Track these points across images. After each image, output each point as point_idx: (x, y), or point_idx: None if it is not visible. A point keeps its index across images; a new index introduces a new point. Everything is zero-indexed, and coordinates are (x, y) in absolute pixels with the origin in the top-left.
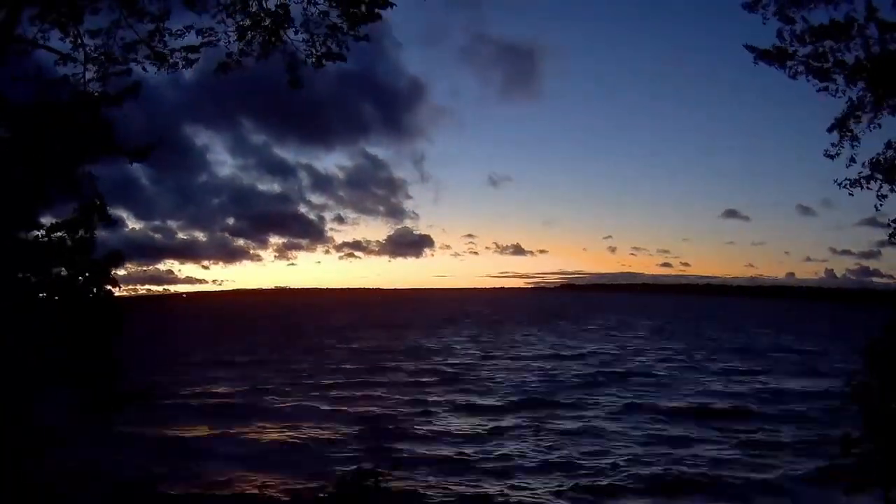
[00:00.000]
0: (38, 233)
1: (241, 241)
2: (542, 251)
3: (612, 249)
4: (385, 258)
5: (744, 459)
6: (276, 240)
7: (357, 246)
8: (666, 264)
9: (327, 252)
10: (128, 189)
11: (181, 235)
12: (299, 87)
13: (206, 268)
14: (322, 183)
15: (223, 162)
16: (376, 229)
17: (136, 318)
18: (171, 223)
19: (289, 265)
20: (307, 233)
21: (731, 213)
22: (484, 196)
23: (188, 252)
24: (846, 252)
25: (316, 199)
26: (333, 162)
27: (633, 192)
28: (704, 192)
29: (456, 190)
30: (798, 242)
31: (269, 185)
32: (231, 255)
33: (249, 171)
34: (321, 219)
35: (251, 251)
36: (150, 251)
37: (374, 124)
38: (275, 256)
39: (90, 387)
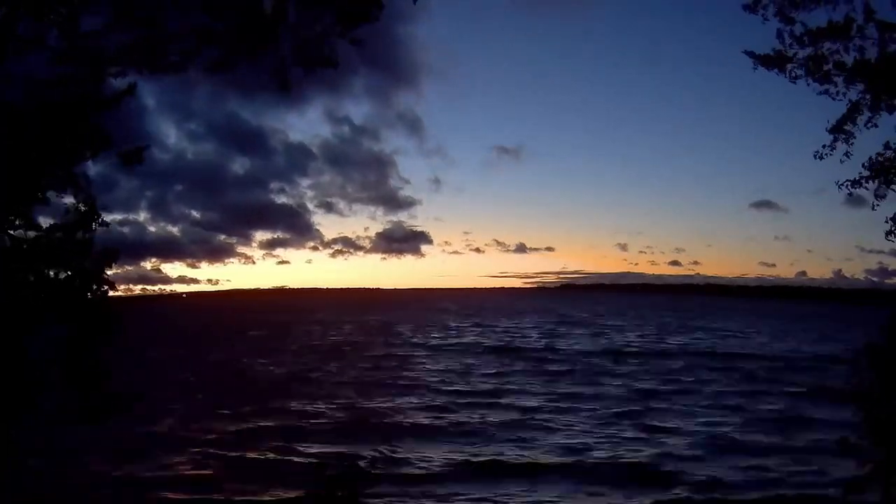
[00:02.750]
0: (35, 233)
1: (221, 237)
2: (548, 248)
3: (623, 246)
4: (379, 255)
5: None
6: (260, 236)
7: (349, 243)
8: (675, 262)
9: (316, 249)
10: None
11: (152, 229)
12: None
13: (193, 267)
14: (298, 161)
15: (165, 127)
16: (368, 221)
17: (161, 318)
18: (134, 216)
19: (279, 263)
20: (292, 226)
21: (763, 205)
22: (489, 179)
23: (168, 250)
24: (874, 250)
25: (295, 182)
26: (306, 128)
27: (653, 183)
28: (734, 182)
29: (458, 167)
30: (830, 238)
31: (235, 164)
32: (214, 253)
33: (202, 140)
34: (304, 207)
35: (236, 249)
36: (126, 249)
37: (352, 69)
38: (263, 255)
39: (89, 390)
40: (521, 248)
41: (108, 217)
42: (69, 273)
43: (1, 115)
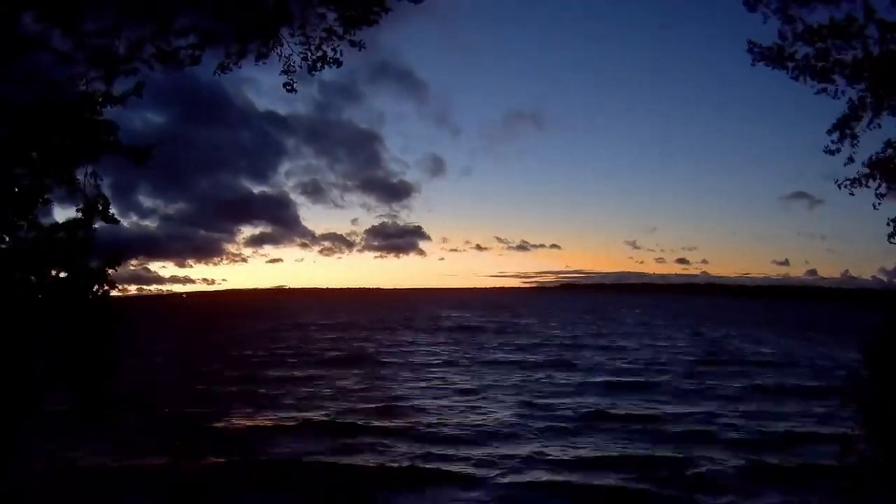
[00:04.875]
0: (36, 234)
1: (201, 232)
2: (553, 245)
3: (632, 244)
4: (373, 254)
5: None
6: (244, 233)
7: (340, 239)
8: (682, 260)
9: (305, 246)
10: None
11: (125, 224)
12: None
13: (181, 266)
14: (270, 137)
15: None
16: (359, 212)
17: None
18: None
19: (268, 262)
20: (277, 220)
21: (798, 196)
22: (498, 157)
23: (151, 248)
24: None
25: (270, 162)
26: (268, 82)
27: (674, 176)
28: (769, 173)
29: (464, 135)
30: (855, 234)
31: (195, 139)
32: (200, 251)
33: (144, 105)
34: (286, 197)
35: (223, 247)
36: (106, 246)
37: None
38: (252, 252)
39: (88, 390)
40: (524, 246)
41: (71, 212)
42: (69, 273)
43: (2, 115)
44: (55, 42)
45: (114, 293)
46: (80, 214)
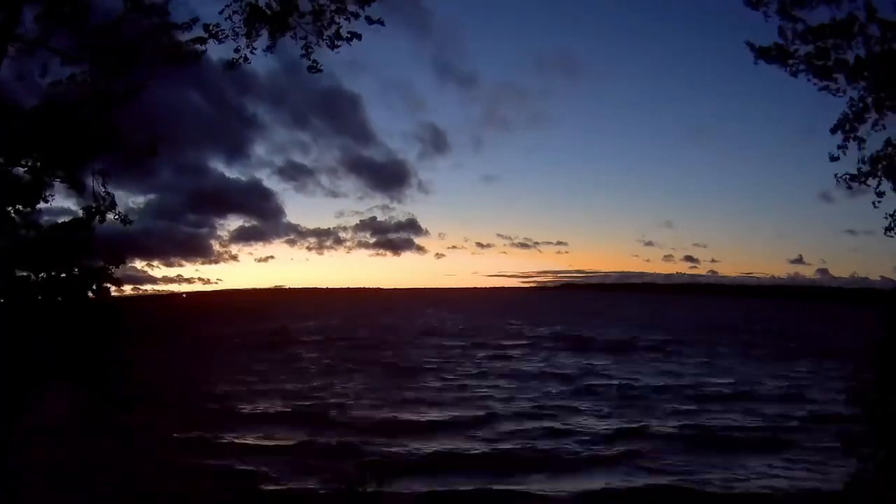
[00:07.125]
0: (36, 233)
1: (180, 227)
2: (560, 242)
3: (642, 240)
4: (367, 251)
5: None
6: (225, 228)
7: (329, 234)
8: (690, 258)
9: (293, 242)
10: None
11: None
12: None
13: (173, 265)
14: (231, 100)
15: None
16: (348, 203)
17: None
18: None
19: (258, 260)
20: (259, 214)
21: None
22: (507, 134)
23: (132, 246)
24: None
25: (240, 134)
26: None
27: (691, 170)
28: (803, 164)
29: (477, 92)
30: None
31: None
32: (185, 248)
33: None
34: (262, 183)
35: (210, 246)
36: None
37: None
38: (239, 249)
39: (88, 387)
40: (526, 244)
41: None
42: (71, 272)
43: (3, 116)
44: (59, 41)
45: (113, 293)
46: (81, 214)
